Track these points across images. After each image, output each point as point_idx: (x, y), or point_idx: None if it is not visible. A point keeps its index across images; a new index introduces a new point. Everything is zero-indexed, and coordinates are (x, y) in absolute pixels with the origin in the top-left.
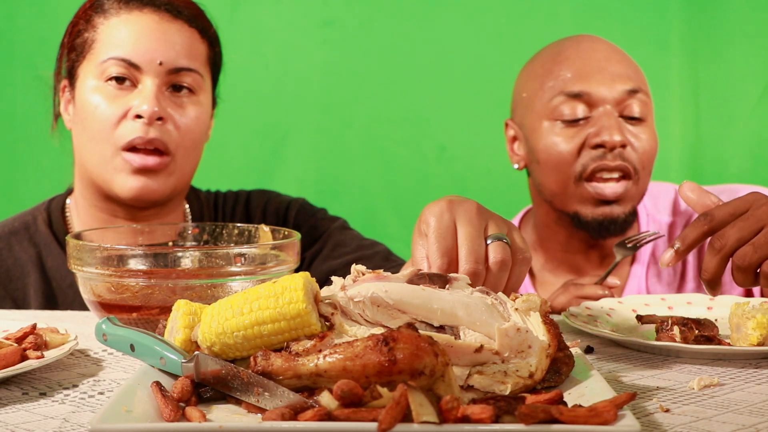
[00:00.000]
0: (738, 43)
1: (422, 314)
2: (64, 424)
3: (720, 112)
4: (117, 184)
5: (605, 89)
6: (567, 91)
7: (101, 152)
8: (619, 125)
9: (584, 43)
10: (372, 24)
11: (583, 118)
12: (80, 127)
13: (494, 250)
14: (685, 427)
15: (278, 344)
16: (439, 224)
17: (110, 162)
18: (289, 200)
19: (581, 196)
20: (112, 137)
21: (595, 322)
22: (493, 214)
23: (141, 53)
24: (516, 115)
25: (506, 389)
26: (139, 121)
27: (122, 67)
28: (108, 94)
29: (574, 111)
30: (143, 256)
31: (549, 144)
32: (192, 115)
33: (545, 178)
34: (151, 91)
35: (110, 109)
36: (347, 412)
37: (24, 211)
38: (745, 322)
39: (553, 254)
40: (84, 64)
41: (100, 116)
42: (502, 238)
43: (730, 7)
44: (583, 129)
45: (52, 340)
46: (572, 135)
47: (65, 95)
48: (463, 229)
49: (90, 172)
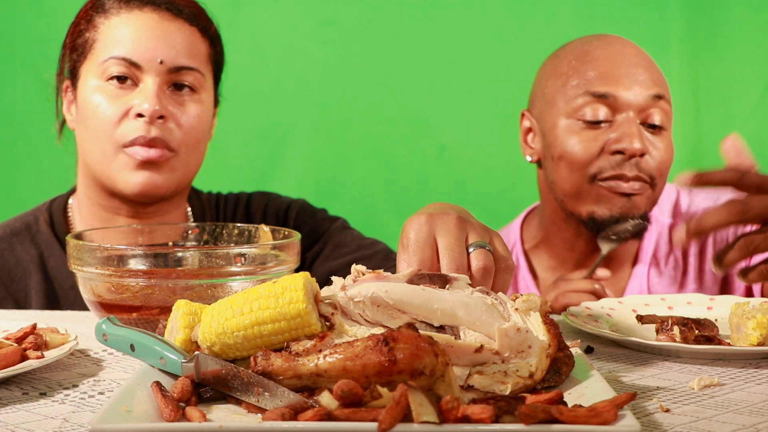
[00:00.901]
0: (738, 43)
1: (422, 314)
2: (64, 424)
3: (720, 112)
4: (121, 181)
5: (631, 94)
6: (592, 91)
7: (103, 150)
8: (641, 133)
9: (614, 45)
10: (372, 24)
11: (605, 121)
12: (82, 126)
13: (476, 258)
14: (685, 427)
15: (278, 344)
16: (417, 237)
17: (113, 159)
18: (289, 201)
19: (597, 195)
20: (114, 136)
21: (595, 322)
22: (474, 223)
23: (141, 52)
24: (535, 108)
25: (506, 389)
26: (140, 119)
27: (123, 66)
28: (109, 93)
29: (596, 113)
30: (143, 256)
31: (567, 143)
32: (193, 113)
33: (559, 177)
34: (152, 90)
35: (111, 108)
36: (347, 412)
37: (25, 212)
38: (745, 322)
39: (558, 252)
40: (85, 64)
41: (102, 115)
42: (484, 245)
43: (730, 7)
44: (605, 133)
45: (53, 340)
46: (593, 138)
47: (67, 95)
48: (443, 240)
49: (94, 170)
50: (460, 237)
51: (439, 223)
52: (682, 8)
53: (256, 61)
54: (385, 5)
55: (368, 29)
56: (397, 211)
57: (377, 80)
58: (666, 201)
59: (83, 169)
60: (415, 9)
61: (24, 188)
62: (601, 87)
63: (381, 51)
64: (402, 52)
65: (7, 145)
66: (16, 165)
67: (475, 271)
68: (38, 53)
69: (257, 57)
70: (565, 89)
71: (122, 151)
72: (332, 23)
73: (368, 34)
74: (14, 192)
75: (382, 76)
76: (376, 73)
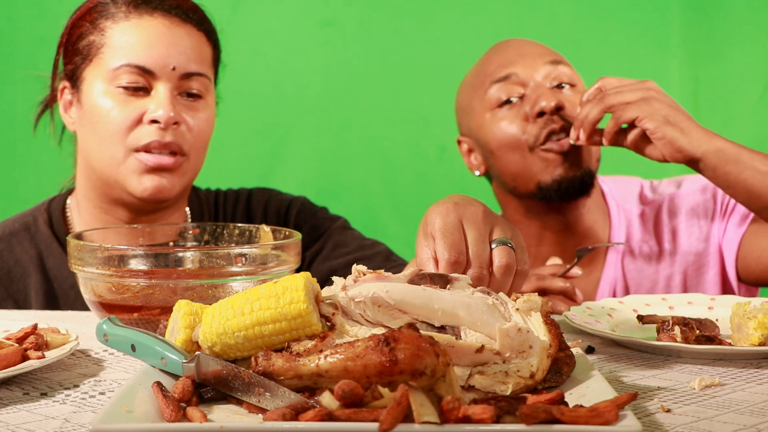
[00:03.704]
0: (738, 43)
1: (423, 314)
2: (65, 425)
3: (720, 112)
4: (131, 184)
5: (529, 66)
6: (495, 78)
7: (113, 154)
8: (552, 92)
9: (500, 44)
10: (372, 24)
11: (520, 97)
12: (88, 129)
13: (499, 255)
14: (686, 427)
15: (279, 344)
16: (446, 222)
17: (122, 163)
18: (290, 199)
19: (539, 162)
20: (126, 141)
21: (596, 322)
22: (498, 218)
23: (154, 59)
24: (462, 127)
25: (507, 389)
26: (154, 125)
27: (136, 74)
28: (120, 98)
29: (508, 92)
30: (144, 256)
31: (496, 129)
32: (203, 117)
33: (503, 164)
34: (166, 97)
35: (123, 114)
36: (348, 413)
37: (23, 212)
38: (746, 322)
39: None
40: (91, 68)
41: (113, 120)
42: (507, 242)
43: (730, 7)
44: (522, 105)
45: (53, 341)
46: (514, 114)
47: (64, 97)
48: (469, 233)
49: (101, 173)
50: (485, 231)
51: (467, 213)
52: (682, 8)
53: (256, 61)
54: (385, 5)
55: (368, 29)
56: (397, 211)
57: (377, 80)
58: (632, 191)
59: (84, 171)
60: (415, 9)
61: (24, 188)
62: (502, 71)
63: (381, 51)
64: (402, 53)
65: (7, 145)
66: (16, 165)
67: (497, 268)
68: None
69: (257, 57)
70: (476, 93)
71: (133, 156)
72: (332, 23)
73: (368, 34)
74: (14, 192)
75: (382, 77)
76: (376, 73)
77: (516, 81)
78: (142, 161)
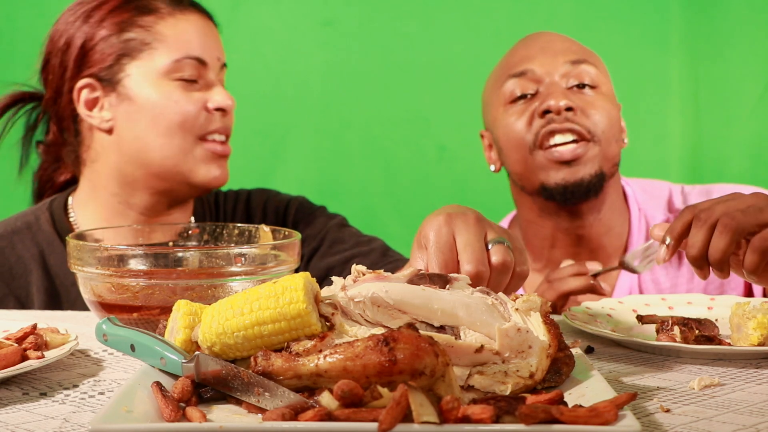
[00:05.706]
0: (738, 43)
1: (423, 314)
2: (65, 425)
3: (720, 112)
4: (199, 173)
5: (548, 64)
6: (512, 73)
7: (179, 144)
8: (564, 92)
9: (530, 36)
10: (372, 24)
11: (533, 94)
12: (143, 124)
13: (495, 252)
14: (686, 427)
15: (279, 344)
16: (438, 238)
17: (190, 152)
18: (288, 198)
19: (540, 164)
20: (193, 130)
21: (595, 322)
22: (492, 224)
23: (208, 51)
24: (485, 120)
25: (507, 389)
26: (217, 113)
27: (195, 66)
28: (181, 89)
29: (522, 88)
30: (144, 256)
31: (505, 125)
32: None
33: (510, 162)
34: (222, 86)
35: (189, 104)
36: (348, 413)
37: (24, 211)
38: (745, 322)
39: (540, 252)
40: (136, 63)
41: (181, 110)
42: (503, 241)
43: (730, 7)
44: (532, 103)
45: (53, 340)
46: (521, 111)
47: (82, 97)
48: (462, 237)
49: (160, 165)
50: (479, 234)
51: (458, 222)
52: (682, 8)
53: (256, 61)
54: (385, 5)
55: (368, 29)
56: (397, 211)
57: (377, 80)
58: (660, 198)
59: (113, 167)
60: (415, 9)
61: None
62: (519, 67)
63: (381, 51)
64: (402, 52)
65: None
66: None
67: (495, 265)
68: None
69: (257, 57)
70: (495, 86)
71: (200, 145)
72: (332, 23)
73: (368, 34)
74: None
75: (382, 76)
76: (376, 73)
77: (532, 77)
78: (210, 150)
